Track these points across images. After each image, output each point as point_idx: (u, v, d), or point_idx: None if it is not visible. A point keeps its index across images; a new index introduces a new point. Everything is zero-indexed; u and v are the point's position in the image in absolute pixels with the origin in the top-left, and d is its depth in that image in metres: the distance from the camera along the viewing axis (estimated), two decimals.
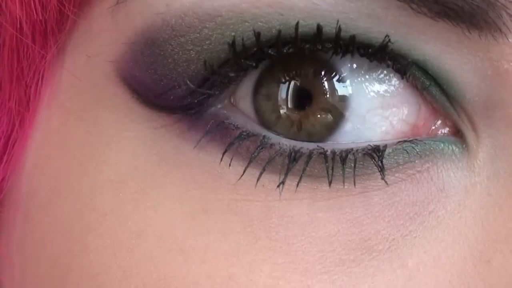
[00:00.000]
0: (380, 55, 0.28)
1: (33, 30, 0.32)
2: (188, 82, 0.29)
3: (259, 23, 0.28)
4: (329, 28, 0.28)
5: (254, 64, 0.29)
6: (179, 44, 0.29)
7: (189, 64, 0.29)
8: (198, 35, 0.29)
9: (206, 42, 0.29)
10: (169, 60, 0.29)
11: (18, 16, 0.31)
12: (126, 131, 0.31)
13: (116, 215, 0.30)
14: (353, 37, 0.28)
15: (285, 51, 0.29)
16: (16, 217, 0.33)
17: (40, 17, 0.32)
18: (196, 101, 0.29)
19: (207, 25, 0.29)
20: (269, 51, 0.29)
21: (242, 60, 0.29)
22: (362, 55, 0.29)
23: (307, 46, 0.28)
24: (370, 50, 0.28)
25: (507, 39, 0.27)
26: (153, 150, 0.30)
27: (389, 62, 0.29)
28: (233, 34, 0.28)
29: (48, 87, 0.33)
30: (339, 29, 0.28)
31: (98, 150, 0.31)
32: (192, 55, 0.29)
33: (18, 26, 0.32)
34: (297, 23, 0.28)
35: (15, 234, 0.34)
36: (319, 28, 0.28)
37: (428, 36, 0.28)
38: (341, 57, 0.29)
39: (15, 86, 0.33)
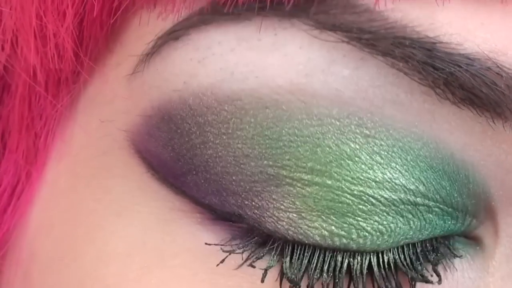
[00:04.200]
0: None
1: (47, 79, 0.30)
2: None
3: (280, 111, 0.27)
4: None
5: None
6: (197, 124, 0.27)
7: (206, 148, 0.27)
8: (216, 116, 0.27)
9: (224, 126, 0.27)
10: (186, 139, 0.28)
11: (32, 63, 0.30)
12: (138, 205, 0.29)
13: None
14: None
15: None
16: (17, 276, 0.32)
17: (56, 66, 0.30)
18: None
19: (226, 108, 0.27)
20: None
21: None
22: None
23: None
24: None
25: None
26: (166, 229, 0.28)
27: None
28: (252, 120, 0.27)
29: (58, 141, 0.31)
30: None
31: (107, 220, 0.29)
32: (210, 138, 0.27)
33: (32, 73, 0.30)
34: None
35: None
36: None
37: (452, 125, 0.27)
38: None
39: (23, 135, 0.31)
